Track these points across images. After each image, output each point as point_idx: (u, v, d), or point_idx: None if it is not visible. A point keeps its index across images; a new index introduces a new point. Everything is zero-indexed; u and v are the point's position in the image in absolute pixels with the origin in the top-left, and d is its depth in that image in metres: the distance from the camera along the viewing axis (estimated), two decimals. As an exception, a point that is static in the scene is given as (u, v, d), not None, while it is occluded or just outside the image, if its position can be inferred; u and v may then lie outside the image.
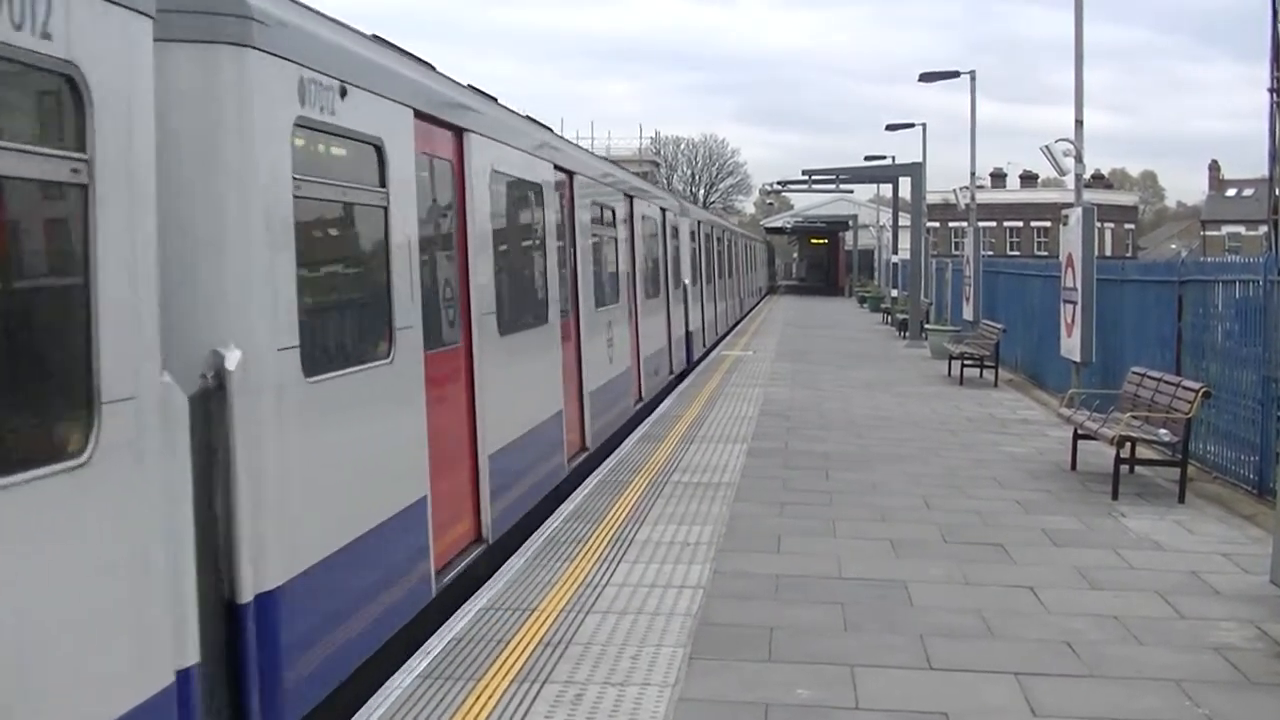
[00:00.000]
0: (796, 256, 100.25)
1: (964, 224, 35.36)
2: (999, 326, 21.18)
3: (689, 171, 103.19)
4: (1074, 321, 14.61)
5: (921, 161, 34.80)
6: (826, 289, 73.45)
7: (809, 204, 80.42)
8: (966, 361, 20.99)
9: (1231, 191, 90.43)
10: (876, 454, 13.11)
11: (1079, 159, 15.38)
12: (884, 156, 42.46)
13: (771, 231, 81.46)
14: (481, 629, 6.81)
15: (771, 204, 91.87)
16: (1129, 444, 11.15)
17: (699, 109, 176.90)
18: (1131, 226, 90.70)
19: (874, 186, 57.55)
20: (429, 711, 5.62)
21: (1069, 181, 16.01)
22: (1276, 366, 10.58)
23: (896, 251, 42.08)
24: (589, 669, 6.18)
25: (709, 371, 22.18)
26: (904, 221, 41.51)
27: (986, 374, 20.84)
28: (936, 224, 68.45)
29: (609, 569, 8.13)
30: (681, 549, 8.70)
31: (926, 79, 28.02)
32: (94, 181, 3.78)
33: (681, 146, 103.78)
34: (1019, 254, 74.05)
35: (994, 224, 79.48)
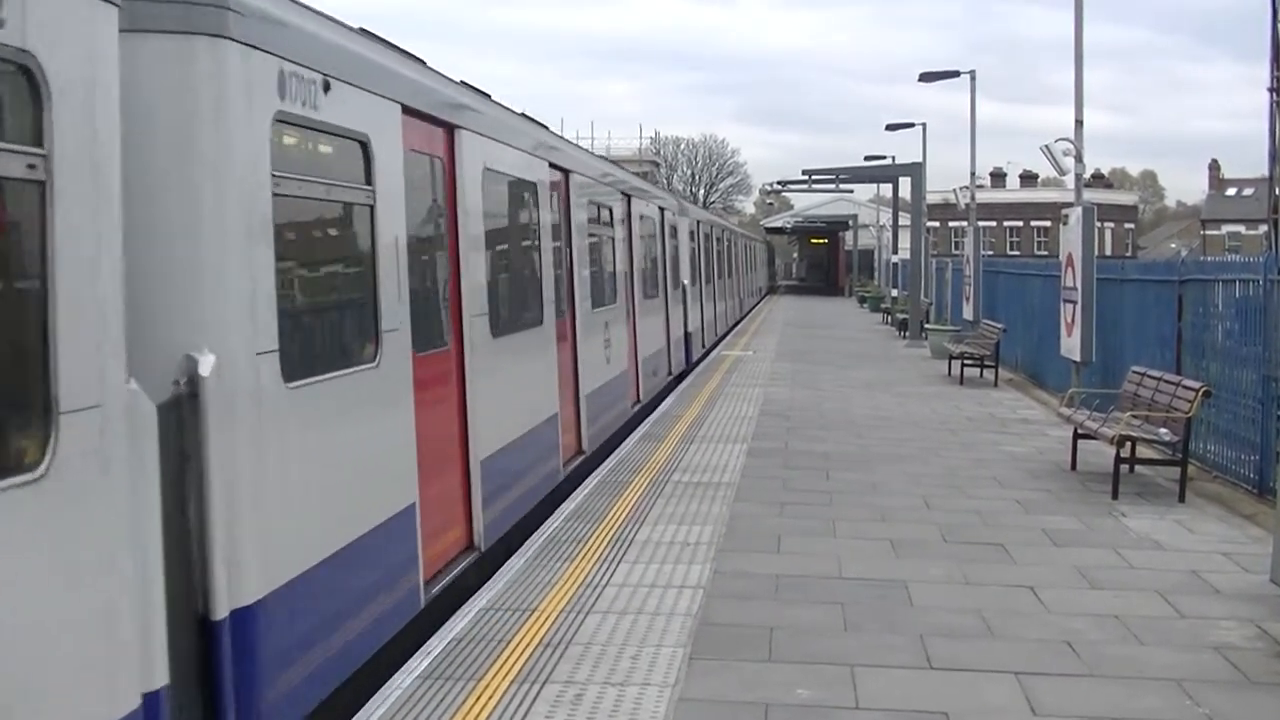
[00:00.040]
0: (796, 256, 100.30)
1: (964, 224, 35.39)
2: (999, 326, 21.18)
3: (689, 171, 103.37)
4: (1074, 321, 14.61)
5: (921, 161, 34.83)
6: (826, 289, 73.48)
7: (809, 204, 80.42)
8: (966, 361, 20.99)
9: (1231, 191, 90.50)
10: (876, 454, 13.11)
11: (1079, 159, 15.39)
12: (884, 156, 42.50)
13: (771, 231, 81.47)
14: (481, 629, 6.80)
15: (771, 204, 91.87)
16: (1129, 443, 11.15)
17: (699, 109, 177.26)
18: (1131, 226, 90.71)
19: (874, 186, 57.60)
20: (429, 712, 5.62)
21: (1069, 181, 16.02)
22: (1276, 366, 10.57)
23: (896, 251, 42.10)
24: (589, 669, 6.18)
25: (709, 371, 22.17)
26: (904, 221, 41.51)
27: (986, 374, 20.83)
28: (936, 224, 68.47)
29: (609, 569, 8.13)
30: (682, 549, 8.69)
31: (926, 79, 28.04)
32: (52, 177, 3.57)
33: (681, 146, 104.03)
34: (1019, 254, 74.06)
35: (994, 224, 79.48)
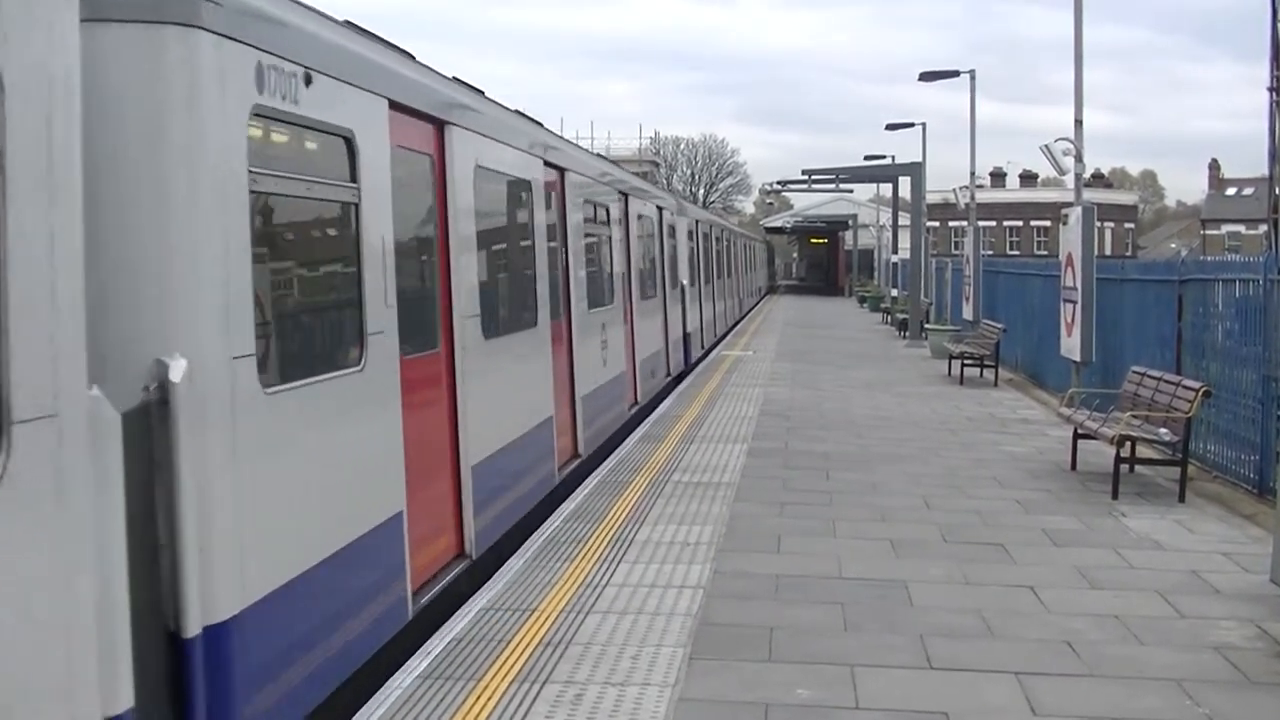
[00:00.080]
0: (796, 256, 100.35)
1: (964, 223, 35.37)
2: (999, 326, 21.18)
3: (689, 171, 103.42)
4: (1074, 321, 14.61)
5: (921, 161, 34.84)
6: (826, 289, 73.49)
7: (809, 204, 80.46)
8: (966, 361, 20.99)
9: (1231, 191, 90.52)
10: (876, 454, 13.11)
11: (1079, 159, 15.39)
12: (884, 156, 42.52)
13: (771, 231, 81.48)
14: (481, 629, 6.80)
15: (771, 204, 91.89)
16: (1129, 443, 11.15)
17: (699, 109, 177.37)
18: (1131, 226, 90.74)
19: (874, 186, 57.62)
20: (429, 712, 5.61)
21: (1069, 181, 16.02)
22: (1276, 365, 10.57)
23: (896, 251, 42.11)
24: (589, 669, 6.17)
25: (709, 371, 22.17)
26: (904, 221, 41.52)
27: (986, 374, 20.84)
28: (936, 223, 68.50)
29: (609, 569, 8.13)
30: (682, 549, 8.69)
31: (926, 79, 28.05)
32: (4, 175, 3.38)
33: (681, 146, 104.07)
34: (1019, 253, 74.09)
35: (994, 223, 79.50)
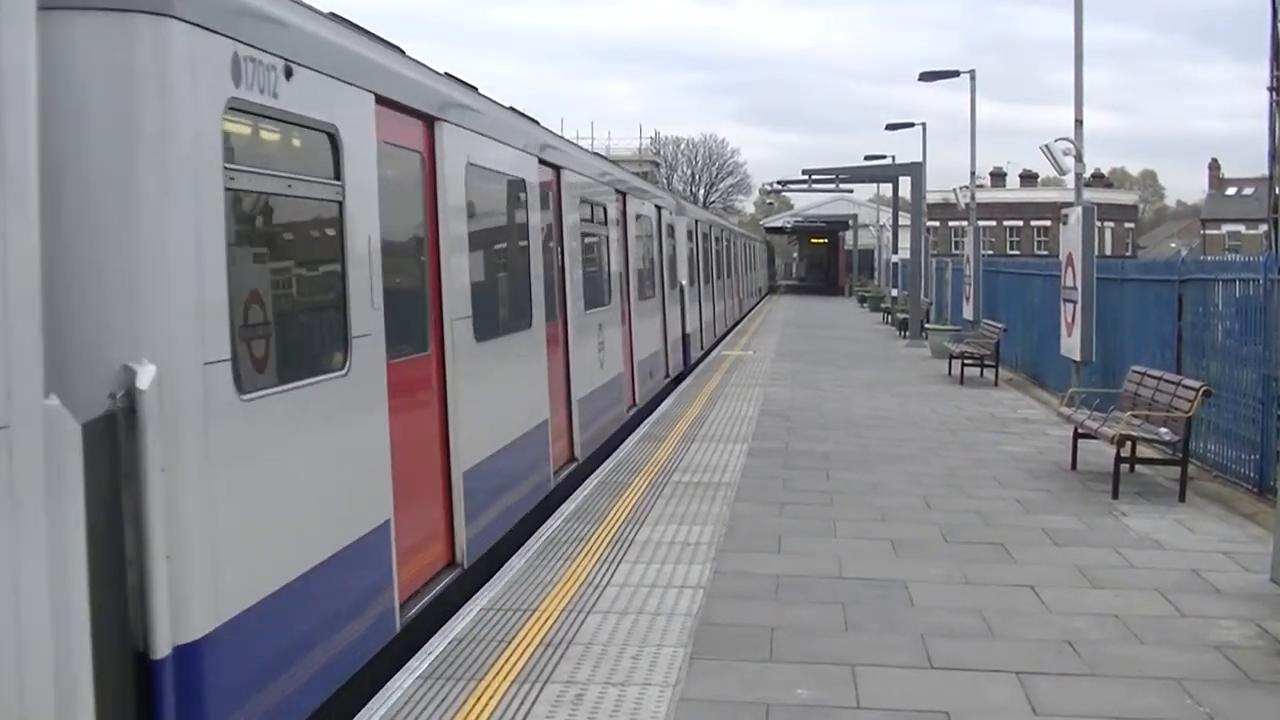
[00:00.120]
0: (796, 256, 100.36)
1: (964, 223, 35.39)
2: (999, 326, 21.18)
3: (689, 171, 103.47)
4: (1074, 320, 14.61)
5: (921, 161, 34.84)
6: (826, 289, 73.51)
7: (809, 204, 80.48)
8: (967, 361, 20.99)
9: (1231, 190, 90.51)
10: (877, 454, 13.11)
11: (1079, 158, 15.39)
12: (884, 156, 42.52)
13: (771, 231, 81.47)
14: (482, 629, 6.80)
15: (771, 204, 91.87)
16: (1129, 443, 11.15)
17: (699, 109, 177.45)
18: (1131, 225, 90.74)
19: (874, 186, 57.63)
20: (430, 712, 5.61)
21: (1069, 181, 16.02)
22: (1277, 365, 10.57)
23: (896, 251, 42.11)
24: (590, 669, 6.17)
25: (709, 371, 22.17)
26: (904, 221, 41.53)
27: (987, 373, 20.83)
28: (936, 223, 68.50)
29: (610, 569, 8.13)
30: (682, 549, 8.69)
31: (926, 79, 28.04)
32: None
33: (681, 146, 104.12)
34: (1019, 253, 74.10)
35: (994, 223, 79.52)
